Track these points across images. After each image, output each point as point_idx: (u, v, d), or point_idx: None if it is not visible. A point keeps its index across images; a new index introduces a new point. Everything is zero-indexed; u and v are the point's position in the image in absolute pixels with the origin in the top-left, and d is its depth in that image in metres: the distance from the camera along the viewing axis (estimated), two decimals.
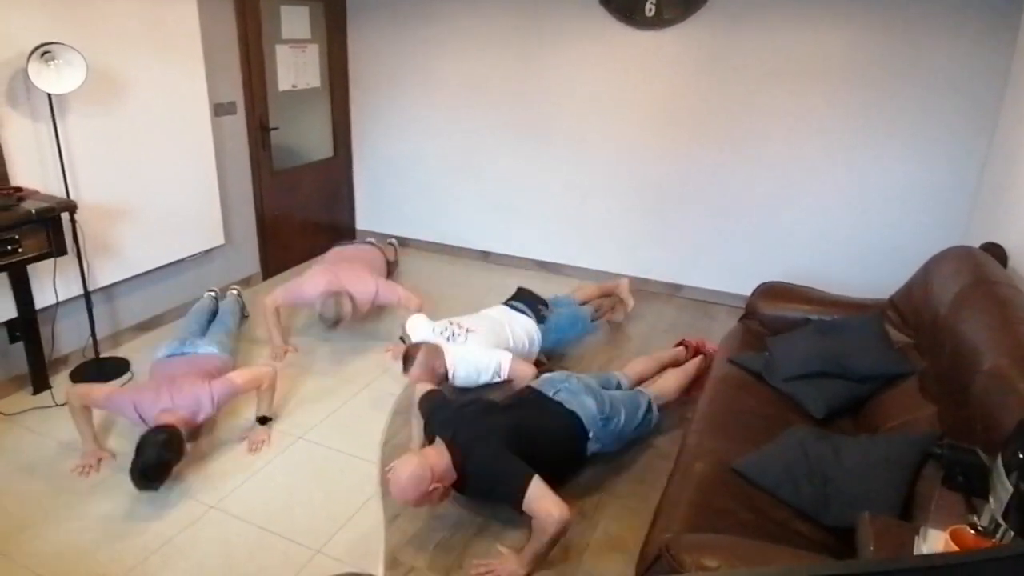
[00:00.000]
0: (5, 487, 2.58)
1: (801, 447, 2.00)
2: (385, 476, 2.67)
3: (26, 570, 2.20)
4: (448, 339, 3.04)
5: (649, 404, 2.78)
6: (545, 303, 3.47)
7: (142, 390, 2.68)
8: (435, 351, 2.91)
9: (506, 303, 3.44)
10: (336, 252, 4.01)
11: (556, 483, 2.27)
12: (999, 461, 1.12)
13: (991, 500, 1.14)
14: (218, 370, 2.92)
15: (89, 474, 2.65)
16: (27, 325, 3.08)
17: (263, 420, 2.91)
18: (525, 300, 3.44)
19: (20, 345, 3.13)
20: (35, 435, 2.89)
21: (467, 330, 3.09)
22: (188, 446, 2.60)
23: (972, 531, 1.19)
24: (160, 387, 2.67)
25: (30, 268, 2.99)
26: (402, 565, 2.26)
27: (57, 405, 3.09)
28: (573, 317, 3.54)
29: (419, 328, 3.17)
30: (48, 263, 3.04)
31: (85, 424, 2.70)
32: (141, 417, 2.60)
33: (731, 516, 1.83)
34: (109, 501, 2.52)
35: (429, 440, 2.45)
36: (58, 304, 3.22)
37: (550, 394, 2.61)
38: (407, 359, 2.87)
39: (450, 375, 2.94)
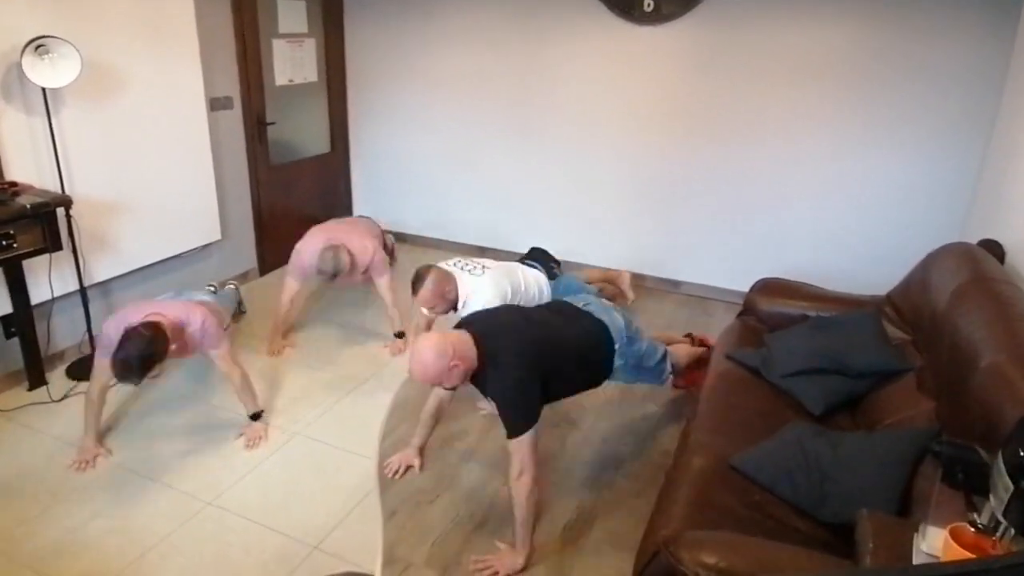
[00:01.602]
0: (1, 484, 2.57)
1: (799, 443, 2.00)
2: (382, 470, 2.68)
3: (24, 567, 2.20)
4: (462, 269, 3.00)
5: (665, 354, 2.74)
6: (557, 262, 3.51)
7: (127, 311, 2.59)
8: (447, 276, 2.86)
9: (520, 260, 3.46)
10: (334, 220, 3.95)
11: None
12: (999, 458, 1.12)
13: (991, 498, 1.14)
14: (212, 310, 2.86)
15: (85, 470, 2.64)
16: (23, 321, 3.06)
17: (256, 416, 2.90)
18: (538, 258, 3.48)
19: (16, 341, 3.11)
20: (31, 431, 2.88)
21: (483, 266, 3.06)
22: (173, 346, 2.50)
23: (972, 529, 1.19)
24: (149, 305, 2.63)
25: (25, 264, 2.97)
26: (399, 561, 2.25)
27: (53, 401, 3.08)
28: (580, 287, 3.57)
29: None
30: (43, 259, 3.02)
31: (94, 417, 2.69)
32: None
33: (729, 512, 1.83)
34: (106, 498, 2.51)
35: None
36: (54, 300, 3.21)
37: (580, 306, 2.55)
38: (418, 279, 2.81)
39: (460, 304, 2.90)
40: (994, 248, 2.75)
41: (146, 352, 2.36)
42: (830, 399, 2.36)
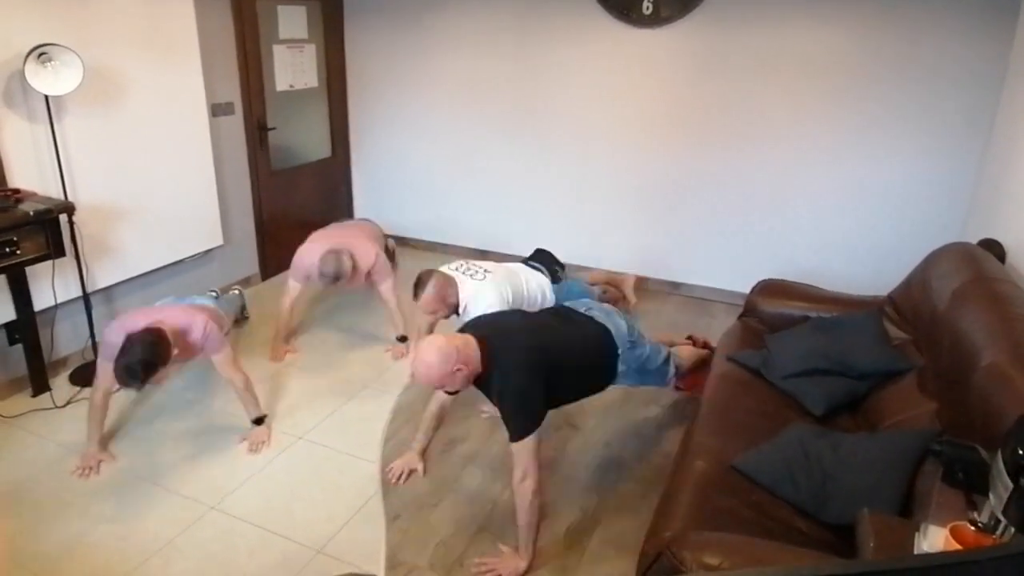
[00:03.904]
0: (5, 490, 2.58)
1: (800, 444, 2.00)
2: (386, 475, 2.68)
3: (28, 572, 2.20)
4: (464, 273, 3.00)
5: (668, 356, 2.75)
6: (561, 265, 3.51)
7: (129, 317, 2.59)
8: (448, 280, 2.85)
9: (524, 261, 3.47)
10: (335, 224, 3.96)
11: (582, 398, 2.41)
12: (999, 457, 1.12)
13: (991, 496, 1.15)
14: (213, 315, 2.87)
15: (89, 476, 2.65)
16: (26, 327, 3.07)
17: (258, 421, 2.91)
18: (542, 260, 3.48)
19: (19, 348, 3.12)
20: (35, 437, 2.89)
21: (485, 270, 3.06)
22: (175, 351, 2.50)
23: (972, 528, 1.19)
24: (151, 311, 2.64)
25: (28, 270, 2.98)
26: (403, 565, 2.26)
27: (57, 407, 3.09)
28: (584, 290, 3.59)
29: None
30: (47, 265, 3.04)
31: (97, 425, 2.70)
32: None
33: (731, 514, 1.83)
34: (109, 503, 2.52)
35: None
36: (57, 306, 3.22)
37: (582, 311, 2.57)
38: (419, 284, 2.81)
39: (462, 308, 2.90)
40: (994, 248, 2.76)
41: (149, 358, 2.37)
42: (831, 400, 2.37)
